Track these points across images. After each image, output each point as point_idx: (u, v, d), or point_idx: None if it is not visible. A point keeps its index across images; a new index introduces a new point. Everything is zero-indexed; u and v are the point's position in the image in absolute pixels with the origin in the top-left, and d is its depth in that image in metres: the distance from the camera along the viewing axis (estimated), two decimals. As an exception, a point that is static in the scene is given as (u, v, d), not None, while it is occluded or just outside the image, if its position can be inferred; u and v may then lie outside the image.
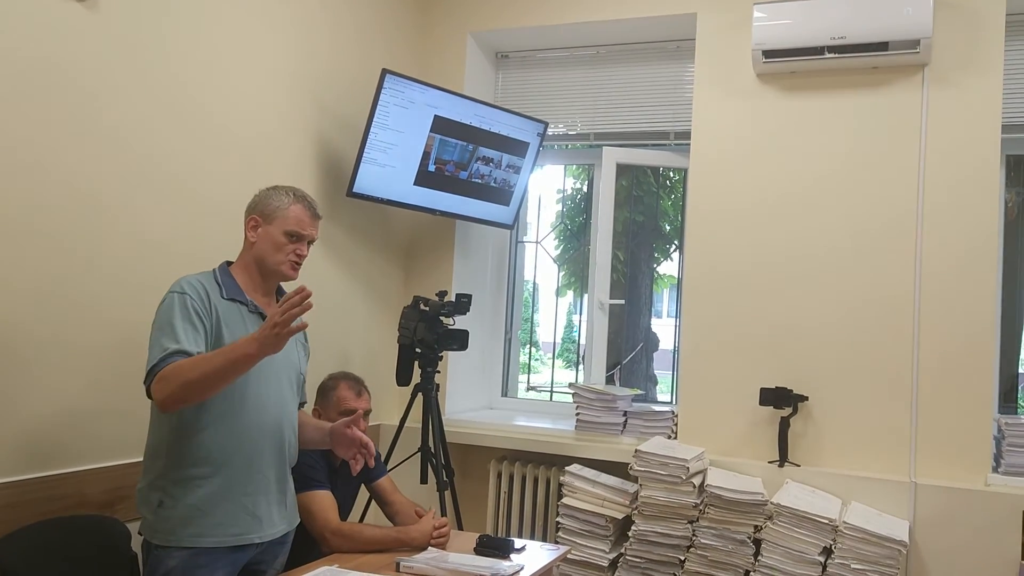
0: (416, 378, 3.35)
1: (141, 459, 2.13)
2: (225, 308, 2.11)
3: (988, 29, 3.20)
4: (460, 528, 3.31)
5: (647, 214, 4.46)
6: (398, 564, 2.29)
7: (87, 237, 2.40)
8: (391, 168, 3.43)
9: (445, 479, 3.25)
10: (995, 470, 3.12)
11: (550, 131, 3.97)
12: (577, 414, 3.68)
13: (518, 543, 2.56)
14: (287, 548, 2.28)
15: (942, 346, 3.20)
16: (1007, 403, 3.51)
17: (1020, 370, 3.64)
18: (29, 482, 2.23)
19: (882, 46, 3.22)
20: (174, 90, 2.69)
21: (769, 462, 3.33)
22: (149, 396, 1.98)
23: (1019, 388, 3.64)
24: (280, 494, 2.20)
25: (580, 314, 4.33)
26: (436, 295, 3.32)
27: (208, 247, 2.73)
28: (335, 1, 3.48)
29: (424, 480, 3.26)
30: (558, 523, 3.31)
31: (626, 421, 3.64)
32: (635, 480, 3.23)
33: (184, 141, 2.74)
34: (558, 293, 4.57)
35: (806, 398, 3.33)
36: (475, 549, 2.50)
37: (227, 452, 2.07)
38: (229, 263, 2.25)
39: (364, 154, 3.32)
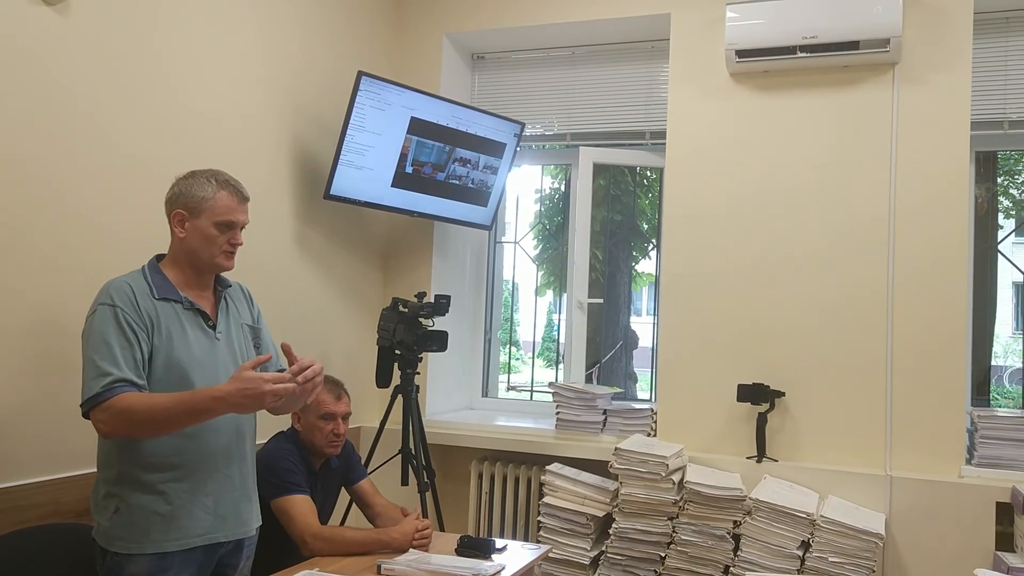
0: (396, 380, 3.35)
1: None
2: (157, 309, 2.00)
3: (956, 27, 3.25)
4: (441, 529, 3.31)
5: (625, 213, 4.48)
6: (379, 566, 2.29)
7: (61, 243, 2.38)
8: (368, 170, 3.43)
9: (426, 480, 3.25)
10: (969, 462, 3.17)
11: (527, 131, 3.98)
12: (557, 413, 3.70)
13: (499, 543, 2.57)
14: (252, 550, 2.21)
15: (915, 340, 3.24)
16: (980, 396, 3.56)
17: (993, 363, 3.70)
18: (3, 491, 2.21)
19: (853, 45, 3.25)
20: (147, 94, 2.68)
21: (747, 458, 3.36)
22: (85, 417, 1.90)
23: (992, 380, 3.70)
24: (244, 489, 2.13)
25: (560, 313, 4.35)
26: (415, 296, 3.33)
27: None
28: (309, 3, 3.47)
29: (405, 482, 3.26)
30: (539, 522, 3.32)
31: (606, 419, 3.65)
32: (615, 478, 3.25)
33: (158, 144, 2.72)
34: (537, 293, 4.58)
35: (783, 394, 3.37)
36: (456, 550, 2.51)
37: (182, 453, 1.99)
38: (161, 257, 2.12)
39: (341, 156, 3.31)
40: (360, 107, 3.31)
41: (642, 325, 4.61)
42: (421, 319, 3.28)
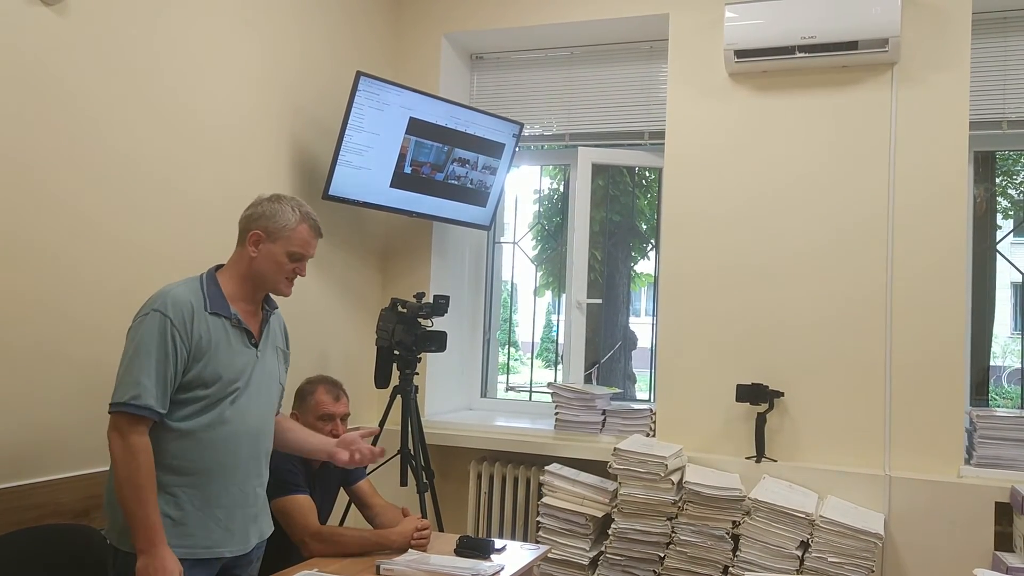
0: (395, 380, 3.35)
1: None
2: (210, 324, 2.04)
3: (955, 27, 3.25)
4: (440, 530, 3.31)
5: (624, 213, 4.48)
6: (378, 567, 2.29)
7: (60, 243, 2.38)
8: (367, 170, 3.43)
9: (425, 481, 3.25)
10: (967, 462, 3.17)
11: (526, 132, 3.98)
12: (556, 413, 3.69)
13: (498, 543, 2.57)
14: (260, 552, 2.23)
15: (914, 341, 3.24)
16: (979, 396, 3.56)
17: (991, 363, 3.70)
18: (2, 492, 2.20)
19: (851, 45, 3.26)
20: (146, 94, 2.67)
21: (746, 458, 3.36)
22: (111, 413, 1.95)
23: (991, 380, 3.71)
24: (255, 507, 2.14)
25: (559, 314, 4.35)
26: (414, 297, 3.33)
27: (184, 252, 2.72)
28: (308, 3, 3.47)
29: (404, 483, 3.25)
30: (538, 523, 3.32)
31: (605, 420, 3.65)
32: (614, 478, 3.25)
33: (158, 146, 2.71)
34: (536, 293, 4.58)
35: (782, 394, 3.37)
36: (455, 550, 2.51)
37: (203, 463, 2.01)
38: (219, 267, 2.16)
39: (339, 156, 3.31)
40: (359, 107, 3.31)
41: (641, 326, 4.61)
42: (420, 319, 3.28)
